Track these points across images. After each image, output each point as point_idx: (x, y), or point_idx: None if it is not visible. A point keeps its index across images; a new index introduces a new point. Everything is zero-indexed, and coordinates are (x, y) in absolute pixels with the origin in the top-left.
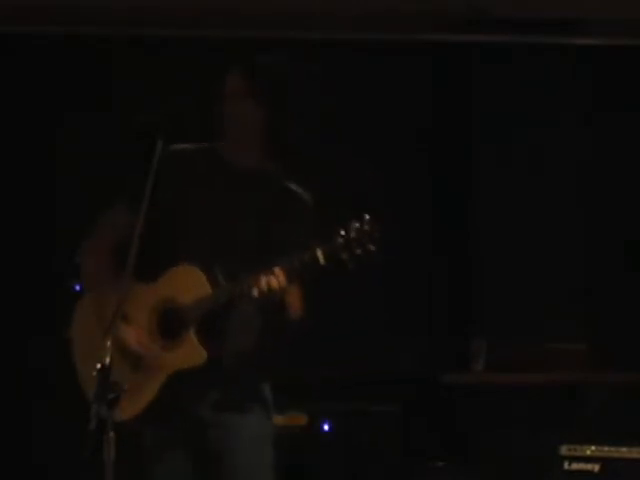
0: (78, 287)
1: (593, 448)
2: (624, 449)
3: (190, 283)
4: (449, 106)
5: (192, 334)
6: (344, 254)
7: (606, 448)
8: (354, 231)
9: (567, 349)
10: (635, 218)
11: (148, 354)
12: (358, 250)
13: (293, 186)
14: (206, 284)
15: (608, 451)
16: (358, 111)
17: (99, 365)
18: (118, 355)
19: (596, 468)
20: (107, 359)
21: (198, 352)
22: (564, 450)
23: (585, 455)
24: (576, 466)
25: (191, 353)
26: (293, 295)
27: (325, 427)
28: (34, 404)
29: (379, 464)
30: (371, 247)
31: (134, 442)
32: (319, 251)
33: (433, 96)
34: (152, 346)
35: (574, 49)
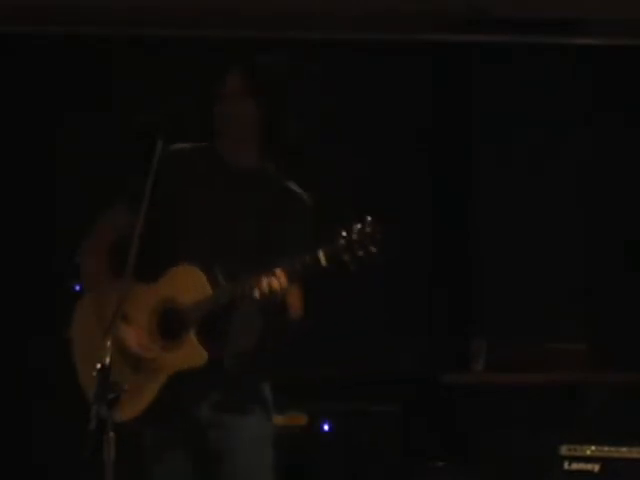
0: (78, 287)
1: (593, 448)
2: (624, 449)
3: (190, 283)
4: (449, 106)
5: (192, 335)
6: (346, 255)
7: (606, 448)
8: (356, 233)
9: (567, 349)
10: (635, 218)
11: (148, 355)
12: (360, 252)
13: (292, 186)
14: (207, 285)
15: (608, 451)
16: (358, 111)
17: (99, 365)
18: (118, 356)
19: (596, 468)
20: (107, 359)
21: (199, 353)
22: (564, 450)
23: (585, 455)
24: (576, 466)
25: (191, 354)
26: (293, 295)
27: (325, 427)
28: (34, 404)
29: (379, 464)
30: (373, 249)
31: (134, 442)
32: (321, 252)
33: (433, 96)
34: (152, 347)
35: (574, 49)
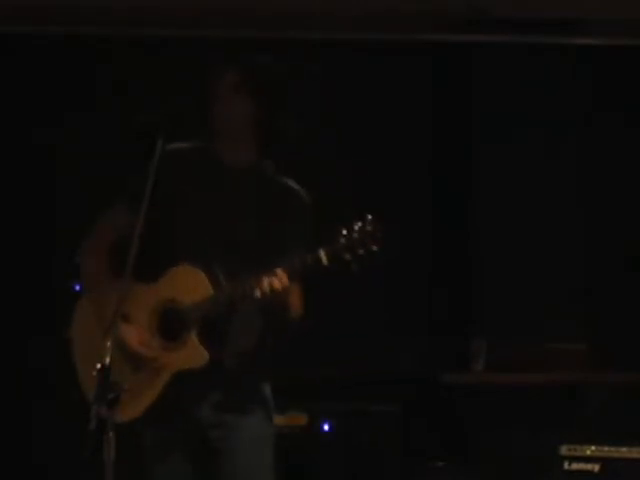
0: (78, 287)
1: (593, 448)
2: (624, 449)
3: (191, 284)
4: (449, 106)
5: (193, 335)
6: (347, 254)
7: (606, 448)
8: (356, 231)
9: (567, 349)
10: (635, 218)
11: (149, 353)
12: (361, 250)
13: (291, 184)
14: (207, 285)
15: (608, 451)
16: (358, 111)
17: (99, 365)
18: (119, 355)
19: (596, 468)
20: (107, 359)
21: (199, 353)
22: (564, 450)
23: (585, 455)
24: (576, 466)
25: (192, 354)
26: (293, 293)
27: (325, 427)
28: (34, 404)
29: (379, 464)
30: (374, 247)
31: (134, 442)
32: (322, 252)
33: (433, 96)
34: (153, 346)
35: (574, 49)
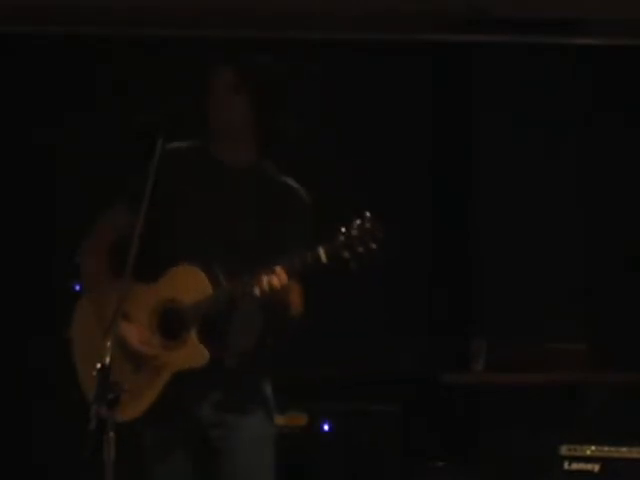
0: (78, 287)
1: (593, 448)
2: (624, 449)
3: (191, 283)
4: (449, 106)
5: (193, 334)
6: (346, 252)
7: (606, 448)
8: (355, 229)
9: (567, 349)
10: (635, 218)
11: (150, 352)
12: (360, 248)
13: (291, 182)
14: (207, 284)
15: (608, 451)
16: (358, 111)
17: (99, 365)
18: (119, 355)
19: (596, 468)
20: (107, 359)
21: (200, 352)
22: (564, 450)
23: (585, 455)
24: (576, 466)
25: (193, 354)
26: (293, 291)
27: (325, 427)
28: (34, 404)
29: (379, 464)
30: (373, 245)
31: (134, 442)
32: (321, 250)
33: (433, 96)
34: (154, 345)
35: (574, 49)
